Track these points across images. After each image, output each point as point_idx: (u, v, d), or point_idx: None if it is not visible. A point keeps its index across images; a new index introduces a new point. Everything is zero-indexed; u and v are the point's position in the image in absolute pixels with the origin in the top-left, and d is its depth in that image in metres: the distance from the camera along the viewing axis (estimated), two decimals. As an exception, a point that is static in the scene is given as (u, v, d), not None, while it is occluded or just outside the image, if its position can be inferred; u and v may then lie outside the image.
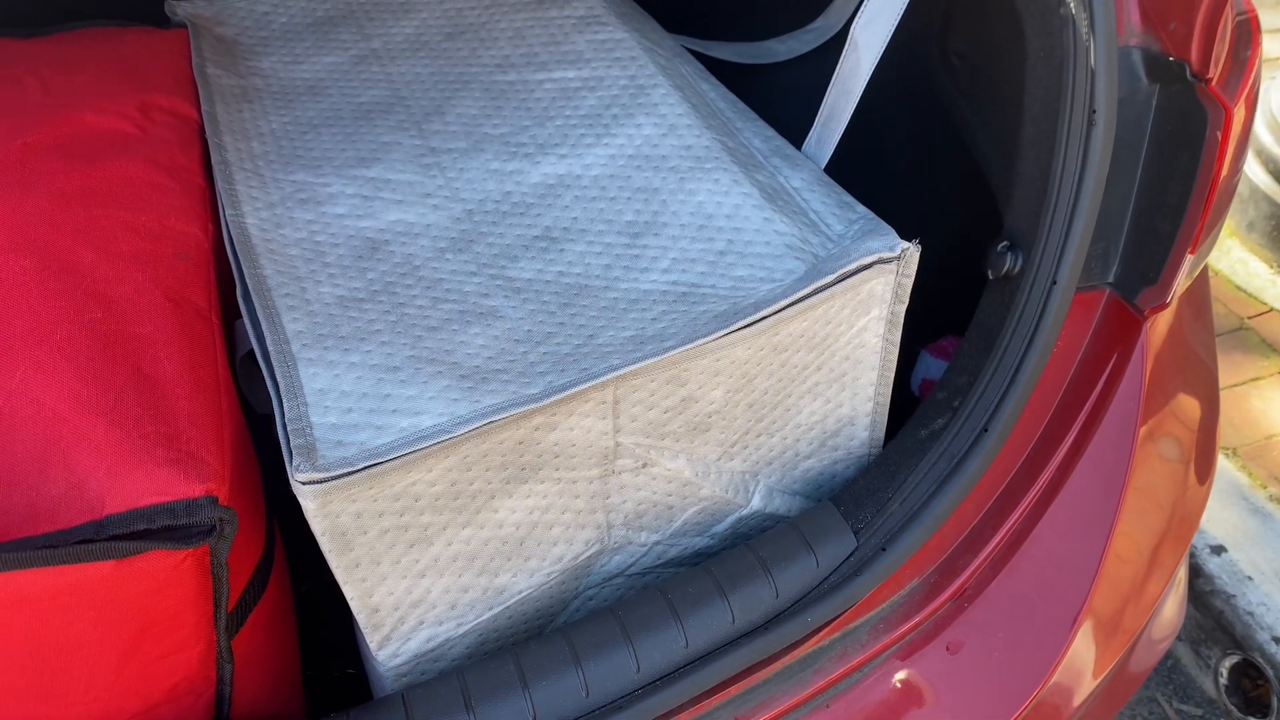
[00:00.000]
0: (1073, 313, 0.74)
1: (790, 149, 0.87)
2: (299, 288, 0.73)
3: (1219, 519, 1.43)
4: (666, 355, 0.66)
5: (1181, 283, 0.76)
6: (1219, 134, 0.70)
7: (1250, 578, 1.36)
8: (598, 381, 0.65)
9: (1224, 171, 0.73)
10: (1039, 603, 0.79)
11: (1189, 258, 0.74)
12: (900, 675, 0.74)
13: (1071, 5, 0.69)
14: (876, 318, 0.74)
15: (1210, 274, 1.86)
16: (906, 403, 1.12)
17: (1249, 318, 1.76)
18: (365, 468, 0.60)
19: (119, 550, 0.58)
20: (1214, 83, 0.72)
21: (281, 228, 0.78)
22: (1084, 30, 0.69)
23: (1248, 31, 0.80)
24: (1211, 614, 1.39)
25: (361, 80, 0.95)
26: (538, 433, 0.66)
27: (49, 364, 0.65)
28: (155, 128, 0.85)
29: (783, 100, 1.08)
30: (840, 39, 1.00)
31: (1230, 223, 1.92)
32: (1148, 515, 0.87)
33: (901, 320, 0.75)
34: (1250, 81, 0.77)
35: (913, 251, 0.71)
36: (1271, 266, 1.84)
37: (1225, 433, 1.56)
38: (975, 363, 0.77)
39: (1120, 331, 0.77)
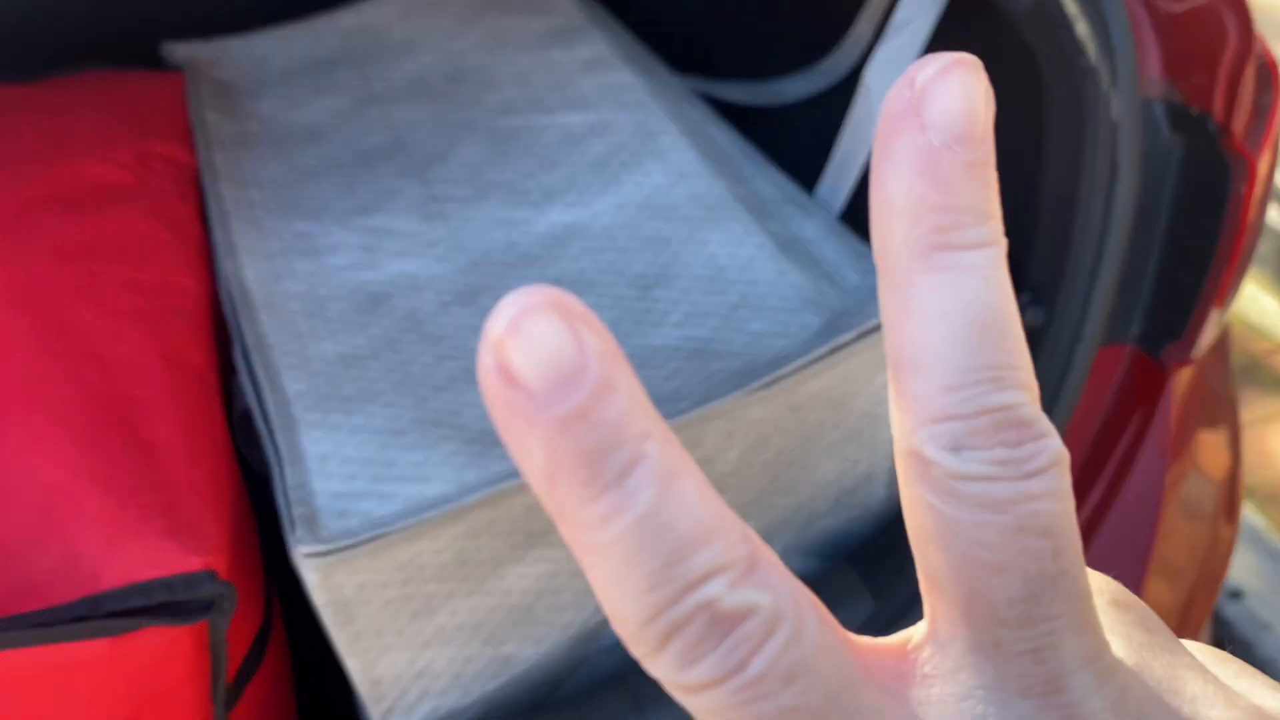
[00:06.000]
0: (1096, 369, 0.72)
1: (802, 196, 0.85)
2: (299, 345, 0.71)
3: (1236, 562, 1.40)
4: (681, 419, 0.64)
5: (1208, 337, 0.74)
6: (1243, 187, 0.69)
7: (1268, 625, 1.33)
8: (610, 446, 0.63)
9: (1249, 223, 0.71)
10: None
11: (1215, 311, 0.73)
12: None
13: (1092, 57, 0.68)
14: (894, 374, 0.72)
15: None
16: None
17: (1261, 354, 1.73)
18: (370, 539, 0.58)
19: (114, 628, 0.56)
20: (1237, 135, 0.70)
21: (281, 280, 0.76)
22: (1105, 83, 0.67)
23: (1268, 76, 0.79)
24: (1228, 659, 1.36)
25: (362, 125, 0.93)
26: (548, 498, 0.64)
27: (44, 429, 0.63)
28: (153, 176, 0.83)
29: (792, 143, 1.06)
30: (851, 80, 0.98)
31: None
32: (1177, 567, 0.85)
33: (920, 376, 0.73)
34: (1273, 129, 0.75)
35: (931, 307, 0.69)
36: (1281, 301, 1.82)
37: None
38: (995, 419, 0.74)
39: (1145, 386, 0.75)
